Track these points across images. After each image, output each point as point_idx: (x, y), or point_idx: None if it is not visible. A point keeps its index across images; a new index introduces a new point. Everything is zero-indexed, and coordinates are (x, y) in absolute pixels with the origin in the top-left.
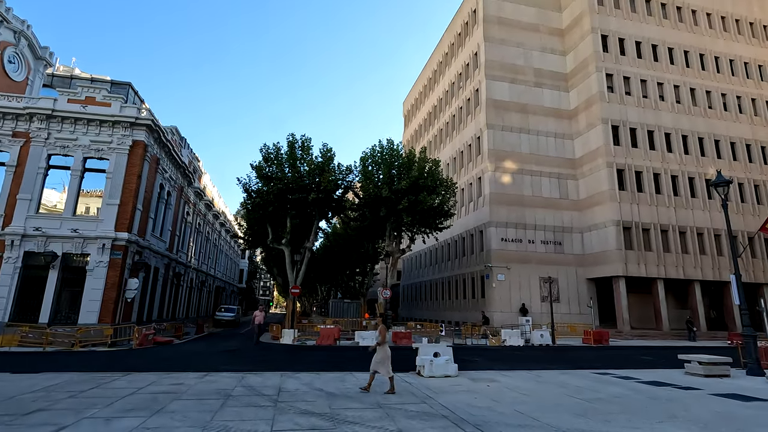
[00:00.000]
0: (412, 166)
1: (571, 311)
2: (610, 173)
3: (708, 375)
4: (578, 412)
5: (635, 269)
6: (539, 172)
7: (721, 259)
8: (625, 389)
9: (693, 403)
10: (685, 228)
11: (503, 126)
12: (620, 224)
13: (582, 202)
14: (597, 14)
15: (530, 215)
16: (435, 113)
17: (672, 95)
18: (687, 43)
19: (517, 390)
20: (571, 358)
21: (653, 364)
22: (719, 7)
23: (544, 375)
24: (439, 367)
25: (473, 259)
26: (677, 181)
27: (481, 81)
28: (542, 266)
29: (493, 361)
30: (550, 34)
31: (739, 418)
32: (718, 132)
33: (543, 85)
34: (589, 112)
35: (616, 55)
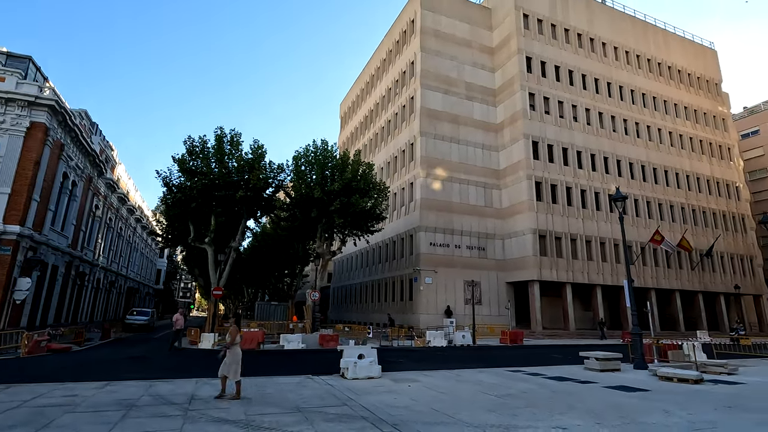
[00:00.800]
0: (346, 168)
1: (491, 313)
2: (529, 185)
3: (603, 369)
4: (490, 408)
5: (548, 274)
6: (467, 181)
7: (618, 266)
8: (533, 385)
9: (588, 396)
10: (591, 237)
11: (435, 134)
12: (537, 232)
13: (504, 211)
14: (523, 37)
15: (458, 221)
16: (371, 117)
17: (584, 117)
18: (597, 71)
19: (436, 389)
20: (489, 357)
21: (559, 360)
22: (624, 42)
23: (463, 374)
24: (363, 368)
25: (403, 263)
26: (585, 194)
27: (417, 89)
28: (467, 270)
29: (416, 362)
30: (481, 51)
31: (624, 407)
32: (620, 153)
33: (473, 98)
34: (513, 127)
35: (538, 77)
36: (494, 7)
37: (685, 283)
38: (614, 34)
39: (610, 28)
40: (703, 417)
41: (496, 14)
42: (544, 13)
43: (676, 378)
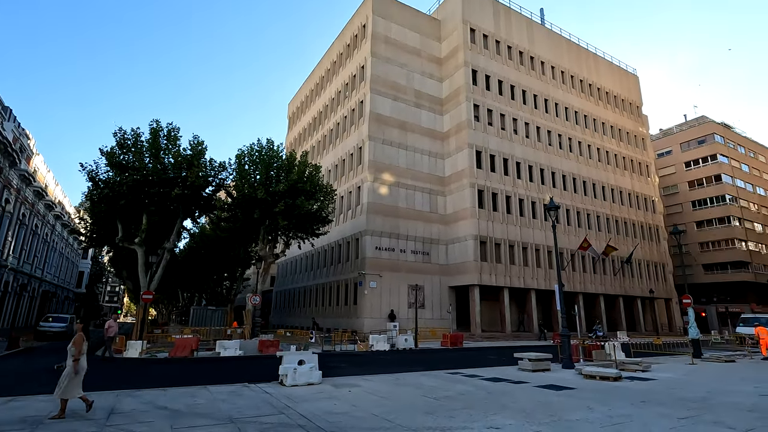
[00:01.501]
0: (292, 169)
1: (433, 316)
2: (472, 193)
3: (535, 370)
4: (428, 411)
5: (488, 279)
6: (414, 186)
7: (551, 271)
8: (470, 386)
9: (521, 395)
10: (527, 244)
11: (384, 140)
12: (478, 239)
13: (448, 217)
14: (470, 51)
15: (403, 226)
16: (320, 119)
17: (523, 130)
18: (536, 88)
19: (376, 393)
20: (430, 360)
21: (496, 362)
22: (560, 62)
23: (404, 377)
24: (303, 375)
25: (348, 267)
26: (523, 203)
27: (366, 94)
28: (411, 274)
29: (358, 367)
30: (430, 60)
31: (553, 404)
32: (554, 165)
33: (421, 106)
34: (458, 136)
35: (483, 90)
36: (443, 19)
37: (608, 287)
38: (552, 54)
39: (549, 48)
40: (620, 411)
41: (445, 26)
42: (490, 29)
43: (599, 376)
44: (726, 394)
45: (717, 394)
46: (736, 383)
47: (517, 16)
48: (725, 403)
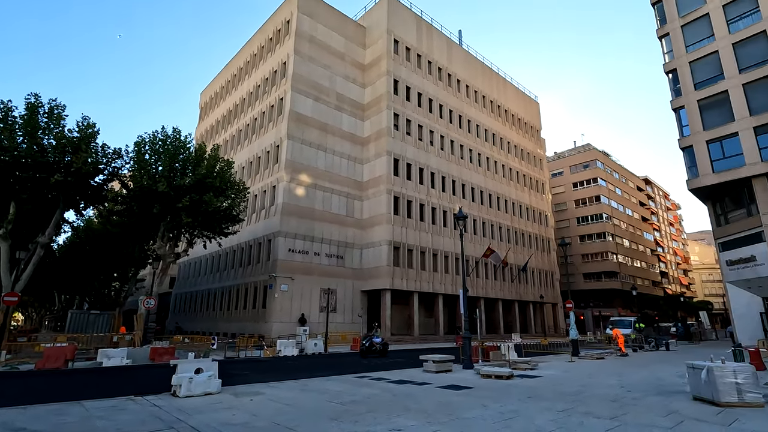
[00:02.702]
0: (200, 163)
1: (345, 320)
2: (388, 199)
3: (438, 371)
4: (333, 416)
5: (399, 283)
6: (331, 189)
7: (457, 277)
8: (376, 389)
9: (423, 396)
10: (437, 251)
11: (303, 140)
12: (392, 244)
13: (364, 221)
14: (392, 60)
15: (319, 229)
16: (236, 113)
17: (439, 142)
18: (452, 104)
19: (280, 401)
20: (338, 365)
21: (403, 364)
22: (474, 82)
23: (311, 383)
24: (200, 384)
25: (258, 269)
26: (436, 212)
27: (287, 92)
28: (324, 278)
29: (263, 373)
30: (353, 65)
31: (452, 404)
32: (465, 177)
33: (343, 109)
34: (378, 142)
35: (403, 100)
36: (369, 27)
37: (506, 293)
38: (467, 74)
39: (465, 68)
40: (510, 407)
41: (370, 34)
42: (413, 43)
43: (494, 375)
44: (596, 388)
45: (589, 387)
46: (604, 378)
47: (438, 34)
48: (595, 395)
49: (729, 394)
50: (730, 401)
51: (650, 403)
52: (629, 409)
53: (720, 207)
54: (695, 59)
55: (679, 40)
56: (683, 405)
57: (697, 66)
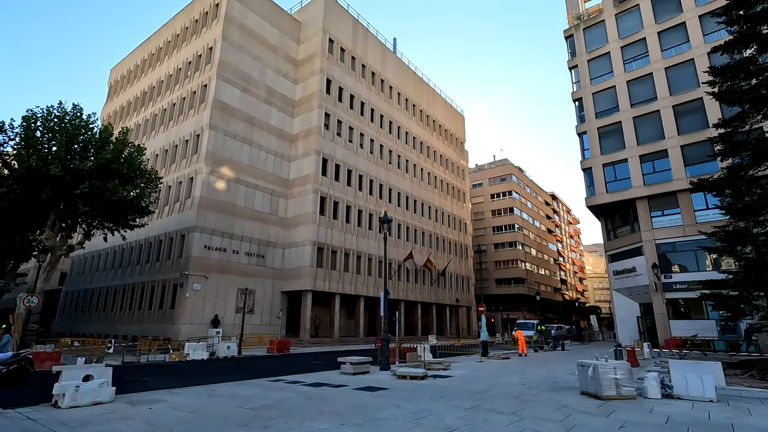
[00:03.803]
0: (105, 146)
1: (263, 322)
2: (315, 199)
3: (355, 373)
4: (242, 423)
5: (322, 285)
6: (255, 185)
7: (380, 279)
8: (290, 393)
9: (339, 399)
10: (361, 253)
11: (227, 131)
12: (316, 245)
13: (288, 220)
14: (326, 60)
15: (239, 226)
16: (152, 95)
17: (368, 146)
18: (384, 109)
19: (183, 408)
20: (252, 368)
21: (321, 367)
22: (405, 90)
23: (219, 388)
24: (88, 393)
25: (168, 266)
26: (362, 214)
27: (212, 79)
28: (242, 277)
29: (166, 379)
30: (285, 60)
31: (367, 405)
32: (392, 183)
33: (272, 103)
34: (307, 141)
35: (335, 100)
36: (304, 22)
37: (425, 296)
38: (399, 81)
39: (397, 75)
40: (422, 407)
41: (305, 30)
42: (347, 44)
43: (409, 376)
44: (501, 386)
45: (495, 386)
46: (508, 376)
47: (373, 39)
48: (500, 393)
49: (609, 388)
50: (610, 395)
51: (546, 399)
52: (528, 405)
53: (611, 223)
54: (597, 91)
55: (585, 72)
56: (573, 399)
57: (599, 97)
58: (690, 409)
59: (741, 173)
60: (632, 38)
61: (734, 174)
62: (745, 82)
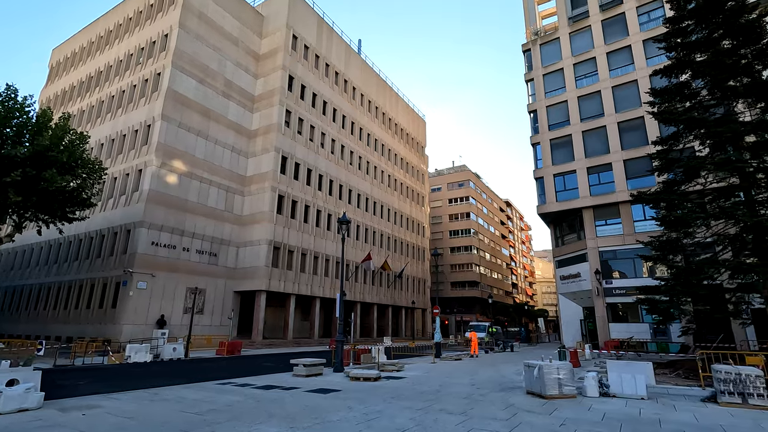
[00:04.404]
0: (43, 132)
1: (214, 323)
2: (272, 197)
3: (308, 375)
4: (186, 428)
5: (277, 285)
6: (209, 181)
7: (337, 281)
8: (240, 396)
9: (290, 401)
10: (319, 254)
11: (181, 123)
12: (272, 244)
13: (244, 218)
14: (289, 56)
15: (191, 222)
16: (98, 80)
17: (330, 146)
18: (346, 110)
19: (122, 414)
20: (199, 371)
21: (272, 369)
22: (368, 92)
23: (163, 392)
24: (13, 399)
25: (111, 262)
26: (320, 214)
27: (167, 67)
28: (193, 276)
29: (103, 383)
30: (247, 53)
31: (319, 408)
32: (352, 184)
33: (231, 97)
34: (266, 137)
35: (297, 98)
36: (267, 17)
37: (382, 298)
38: (363, 83)
39: (361, 77)
40: (374, 408)
41: (268, 24)
42: (312, 42)
43: (362, 378)
44: (452, 386)
45: (446, 386)
46: (459, 377)
47: (338, 39)
48: (450, 393)
49: (553, 387)
50: (553, 394)
51: (494, 399)
52: (477, 405)
53: (559, 231)
54: (551, 104)
55: (540, 86)
56: (518, 399)
57: (552, 110)
58: (624, 406)
59: (675, 188)
60: (584, 57)
61: (669, 188)
62: (681, 104)
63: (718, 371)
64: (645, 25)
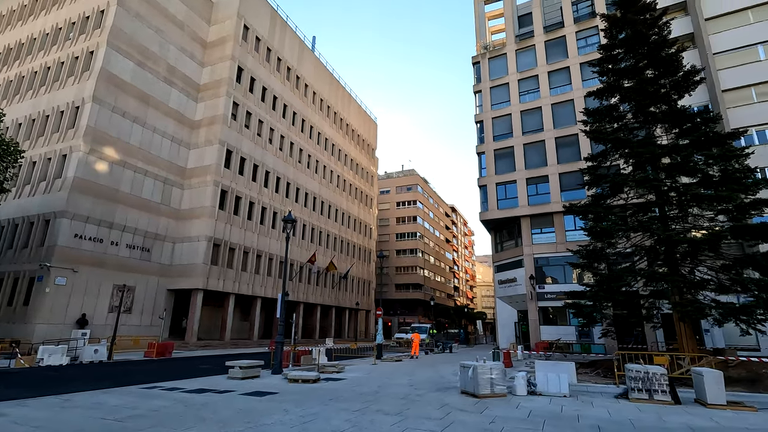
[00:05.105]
0: None
1: (143, 323)
2: (215, 191)
3: (245, 377)
4: None
5: (215, 284)
6: (145, 171)
7: (279, 280)
8: (167, 401)
9: (222, 405)
10: (262, 252)
11: (115, 107)
12: (212, 240)
13: (182, 213)
14: (240, 47)
15: (122, 214)
16: (18, 53)
17: (278, 142)
18: (297, 106)
19: (29, 422)
20: (123, 374)
21: (207, 371)
22: (321, 90)
23: (78, 397)
24: None
25: (25, 255)
26: (265, 212)
27: (101, 46)
28: (121, 273)
29: (9, 389)
30: (193, 39)
31: (253, 411)
32: (300, 182)
33: (173, 84)
34: (210, 129)
35: (246, 90)
36: (218, 3)
37: (326, 299)
38: (316, 81)
39: (314, 74)
40: (311, 410)
41: (218, 11)
42: (264, 34)
43: (301, 380)
44: (390, 387)
45: (385, 387)
46: (399, 378)
47: (292, 34)
48: (389, 394)
49: (485, 387)
50: (485, 393)
51: (430, 399)
52: (413, 405)
53: (499, 237)
54: (497, 116)
55: (487, 98)
56: (453, 398)
57: (497, 122)
58: (548, 403)
59: (601, 201)
60: (528, 73)
61: (596, 202)
62: (609, 125)
63: (629, 370)
64: (582, 50)
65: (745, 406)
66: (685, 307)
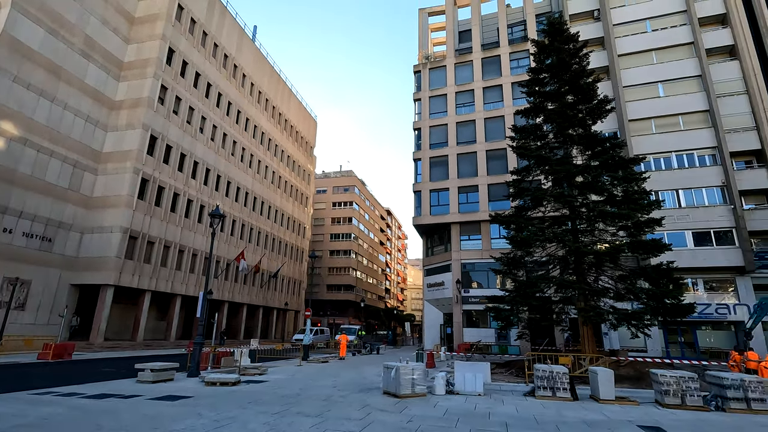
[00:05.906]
0: None
1: (39, 321)
2: (134, 179)
3: (156, 380)
4: None
5: (129, 279)
6: (51, 151)
7: (203, 278)
8: (62, 408)
9: (126, 411)
10: (185, 247)
11: (17, 77)
12: (128, 232)
13: (94, 200)
14: (172, 27)
15: (19, 198)
16: None
17: (210, 132)
18: (233, 96)
19: None
20: (12, 378)
21: (112, 375)
22: (260, 83)
23: None
24: None
25: None
26: (191, 205)
27: (4, 6)
28: (15, 264)
29: None
30: (118, 12)
31: (162, 416)
32: (232, 175)
33: (91, 59)
34: (133, 111)
35: (176, 74)
36: None
37: (253, 298)
38: (255, 72)
39: (253, 65)
40: (227, 414)
41: None
42: (200, 17)
43: (219, 382)
44: (313, 389)
45: (307, 389)
46: (323, 379)
47: (231, 20)
48: (311, 396)
49: (406, 387)
50: (406, 393)
51: (352, 400)
52: (335, 406)
53: (430, 242)
54: (434, 125)
55: (426, 106)
56: (375, 399)
57: (434, 131)
58: (463, 402)
59: (523, 213)
60: (465, 87)
61: (518, 213)
62: (534, 142)
63: (537, 370)
64: (515, 70)
65: (629, 401)
66: (588, 312)
